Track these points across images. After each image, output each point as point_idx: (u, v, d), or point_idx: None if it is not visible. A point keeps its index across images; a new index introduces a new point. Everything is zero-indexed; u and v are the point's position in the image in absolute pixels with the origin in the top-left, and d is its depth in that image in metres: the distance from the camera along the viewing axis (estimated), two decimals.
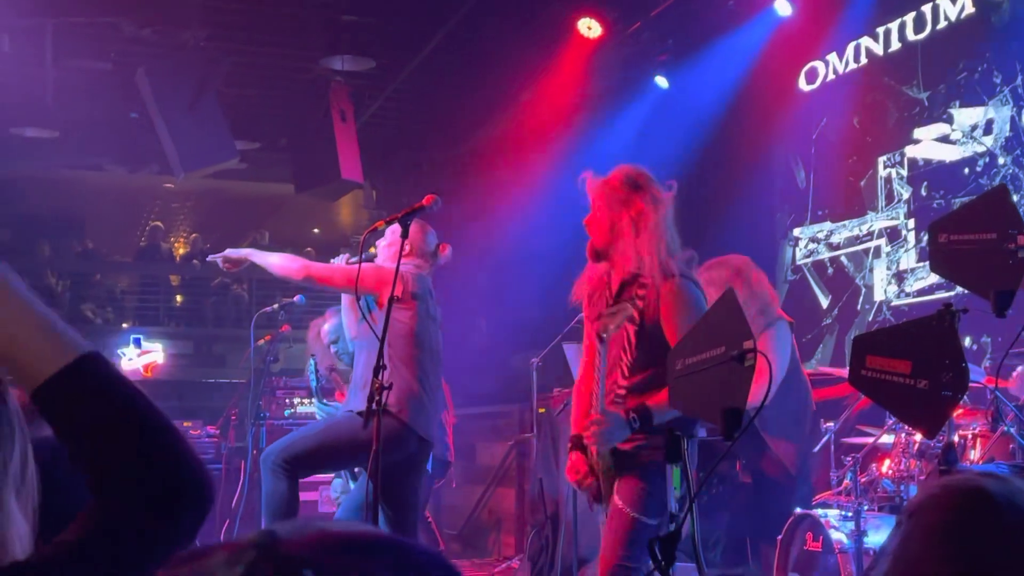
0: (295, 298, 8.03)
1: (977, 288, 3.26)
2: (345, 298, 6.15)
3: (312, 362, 6.99)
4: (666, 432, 2.75)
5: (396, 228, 5.48)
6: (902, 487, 5.25)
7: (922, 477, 5.02)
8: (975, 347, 7.08)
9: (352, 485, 6.14)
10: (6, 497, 1.80)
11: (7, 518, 1.78)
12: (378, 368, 4.63)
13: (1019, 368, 4.99)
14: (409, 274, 5.44)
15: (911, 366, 3.00)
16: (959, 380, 2.90)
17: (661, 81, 9.75)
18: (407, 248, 5.48)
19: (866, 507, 5.25)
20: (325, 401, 7.03)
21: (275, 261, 5.50)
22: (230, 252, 5.60)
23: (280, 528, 0.94)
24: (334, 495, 6.55)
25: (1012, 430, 4.63)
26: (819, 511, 5.50)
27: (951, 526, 1.46)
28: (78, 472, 2.32)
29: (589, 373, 4.20)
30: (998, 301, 3.06)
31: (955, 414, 5.40)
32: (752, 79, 9.18)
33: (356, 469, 6.17)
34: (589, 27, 9.34)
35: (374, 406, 4.62)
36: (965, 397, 5.38)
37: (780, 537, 5.56)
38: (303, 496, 6.45)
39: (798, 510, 5.59)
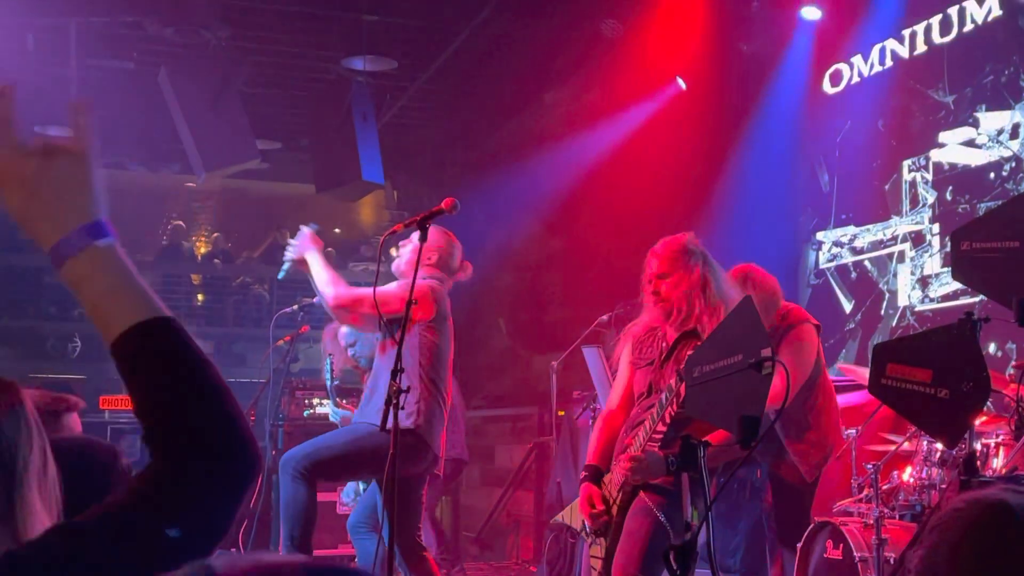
0: (315, 299, 8.01)
1: (1000, 296, 3.21)
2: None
3: (328, 362, 6.98)
4: (681, 439, 2.71)
5: (433, 232, 5.49)
6: (924, 495, 5.19)
7: (943, 486, 4.96)
8: (1000, 354, 7.00)
9: (363, 487, 6.14)
10: (29, 493, 1.80)
11: (31, 514, 1.79)
12: (396, 372, 4.62)
13: None
14: (438, 292, 5.44)
15: (932, 375, 2.96)
16: (980, 389, 2.85)
17: (681, 82, 9.70)
18: (433, 258, 5.49)
19: (887, 515, 5.19)
20: (338, 402, 7.02)
21: (323, 278, 5.49)
22: (301, 247, 5.54)
23: (216, 561, 1.00)
24: (347, 500, 6.54)
25: None
26: (840, 519, 5.44)
27: (975, 542, 1.44)
28: (92, 475, 2.31)
29: (622, 409, 4.53)
30: (1021, 309, 3.00)
31: (978, 422, 5.34)
32: (776, 81, 9.12)
33: None
34: (610, 28, 9.31)
35: (396, 409, 4.62)
36: (989, 404, 5.33)
37: (800, 545, 5.52)
38: (322, 498, 6.46)
39: (818, 517, 5.54)
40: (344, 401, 7.24)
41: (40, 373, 14.87)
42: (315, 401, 9.03)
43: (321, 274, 5.50)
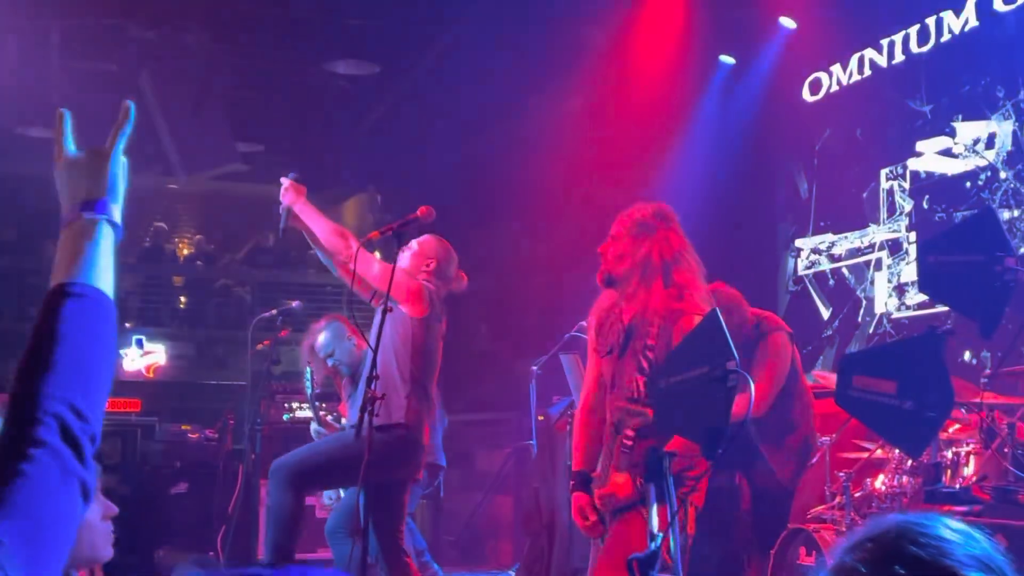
0: (293, 304, 8.03)
1: (964, 309, 3.26)
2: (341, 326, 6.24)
3: (309, 371, 6.99)
4: (647, 450, 2.74)
5: (427, 238, 5.51)
6: (895, 503, 5.23)
7: (914, 494, 5.00)
8: (975, 361, 7.06)
9: (342, 492, 6.14)
10: None
11: None
12: (371, 379, 4.63)
13: None
14: (436, 295, 5.45)
15: (897, 386, 2.99)
16: (944, 400, 2.89)
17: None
18: (431, 265, 5.50)
19: (859, 523, 5.23)
20: (321, 417, 7.03)
21: (324, 227, 5.26)
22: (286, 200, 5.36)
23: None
24: (327, 502, 6.55)
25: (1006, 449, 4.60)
26: (813, 525, 5.48)
27: None
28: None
29: (590, 400, 4.27)
30: (984, 322, 3.04)
31: (952, 429, 5.38)
32: (756, 89, 9.17)
33: None
34: (595, 32, 9.35)
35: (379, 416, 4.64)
36: (964, 412, 5.37)
37: (773, 551, 5.55)
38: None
39: (792, 524, 5.57)
40: (325, 414, 7.25)
41: None
42: (295, 405, 9.03)
43: (320, 224, 5.29)
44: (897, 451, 5.23)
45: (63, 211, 1.72)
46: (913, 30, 7.95)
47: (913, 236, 7.84)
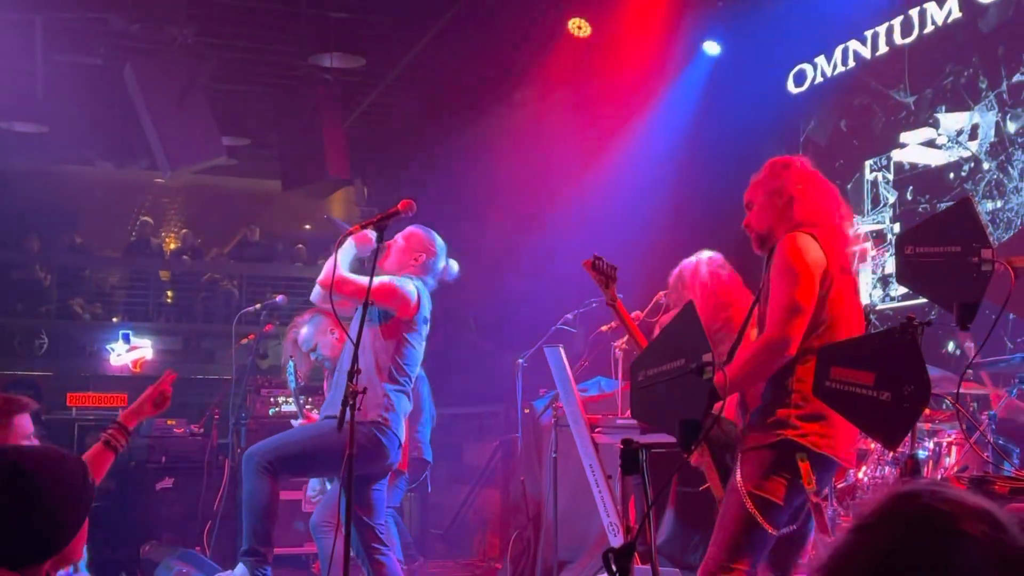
0: (277, 298, 8.02)
1: (941, 300, 3.26)
2: (324, 321, 6.25)
3: (291, 366, 6.99)
4: (623, 442, 2.74)
5: (413, 231, 5.51)
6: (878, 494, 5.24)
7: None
8: (958, 352, 7.07)
9: (328, 486, 6.15)
10: None
11: None
12: (352, 373, 4.61)
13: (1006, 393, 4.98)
14: (423, 295, 5.45)
15: (875, 378, 2.99)
16: (921, 392, 2.89)
17: None
18: (420, 259, 5.51)
19: (841, 514, 5.25)
20: (305, 411, 7.04)
21: (328, 264, 5.28)
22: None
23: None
24: (312, 494, 6.55)
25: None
26: None
27: (890, 553, 1.44)
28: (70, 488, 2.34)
29: None
30: (961, 314, 3.05)
31: (937, 419, 5.41)
32: (740, 80, 9.17)
33: None
34: (579, 27, 9.33)
35: (359, 411, 4.62)
36: (947, 401, 5.39)
37: None
38: (288, 496, 6.47)
39: None
40: (309, 408, 7.25)
41: (7, 370, 14.80)
42: (280, 399, 9.02)
43: (330, 262, 5.34)
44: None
45: None
46: (897, 21, 7.96)
47: (897, 227, 7.86)
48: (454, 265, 5.75)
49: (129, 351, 15.56)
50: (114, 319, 17.16)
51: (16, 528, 2.35)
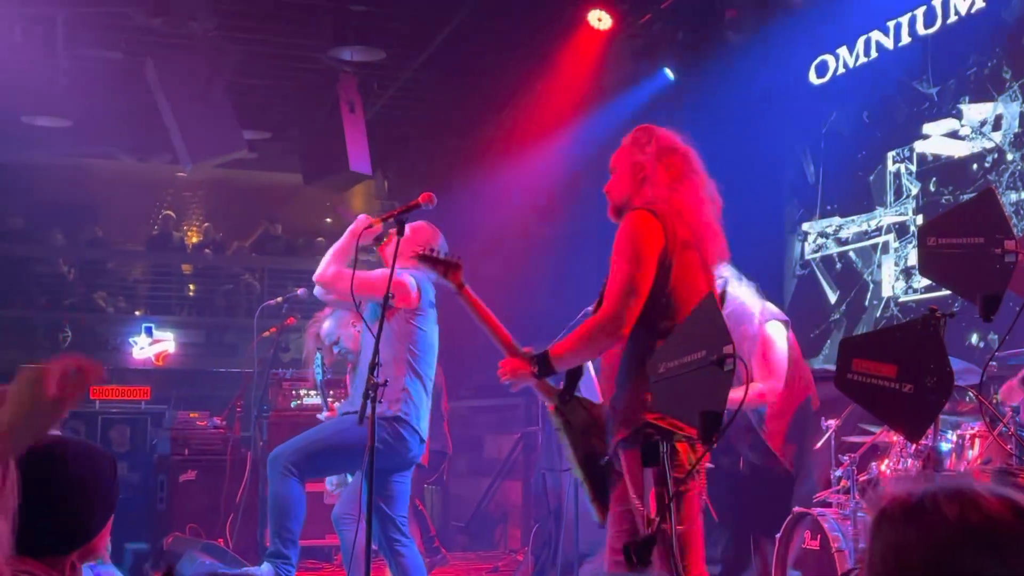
0: (299, 291, 8.04)
1: (964, 292, 3.25)
2: (345, 314, 6.29)
3: (318, 359, 7.02)
4: (642, 435, 2.74)
5: (419, 225, 5.54)
6: None
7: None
8: (982, 344, 7.04)
9: (350, 478, 6.17)
10: None
11: None
12: (374, 365, 4.63)
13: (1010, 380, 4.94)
14: (423, 283, 5.49)
15: (896, 370, 2.98)
16: (943, 384, 2.88)
17: (670, 73, 9.71)
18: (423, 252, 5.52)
19: (863, 506, 5.22)
20: (330, 404, 7.08)
21: (324, 259, 5.56)
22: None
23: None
24: (331, 488, 6.57)
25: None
26: (818, 509, 5.48)
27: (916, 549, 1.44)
28: (99, 482, 2.36)
29: None
30: (985, 305, 3.03)
31: (962, 411, 5.38)
32: (762, 72, 9.13)
33: None
34: (599, 19, 9.31)
35: (378, 404, 4.64)
36: (970, 395, 5.36)
37: (779, 535, 5.56)
38: (310, 488, 6.49)
39: (797, 508, 5.58)
40: (332, 400, 7.28)
41: (30, 363, 14.85)
42: (302, 392, 9.05)
43: (329, 253, 5.58)
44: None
45: None
46: (920, 11, 7.91)
47: (920, 219, 7.81)
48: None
49: (152, 344, 15.61)
50: (137, 312, 17.22)
51: (46, 516, 2.36)
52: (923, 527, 1.45)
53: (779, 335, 5.75)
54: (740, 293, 5.74)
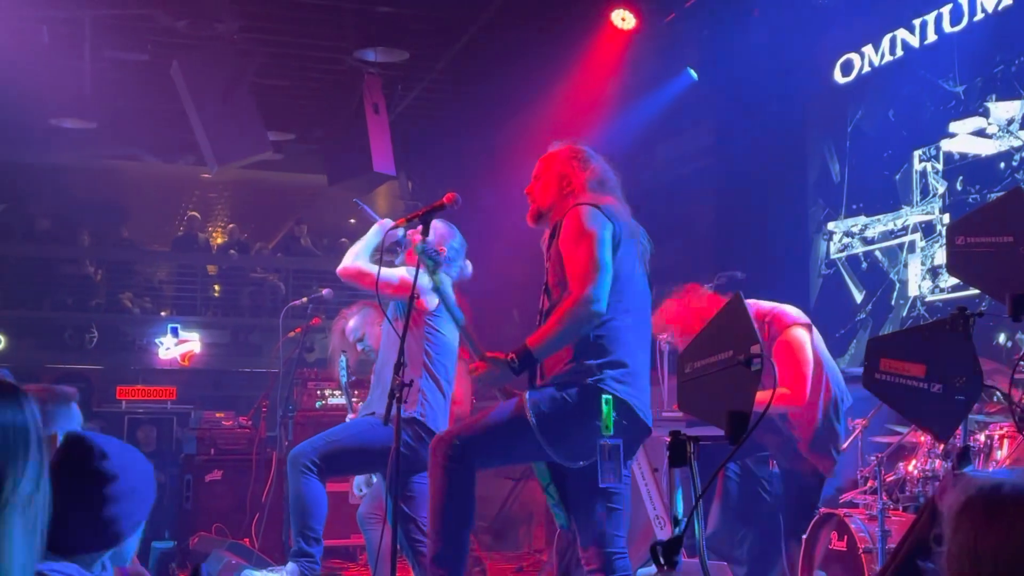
0: (324, 291, 8.06)
1: (993, 291, 3.22)
2: (372, 312, 6.31)
3: (343, 359, 7.04)
4: (669, 434, 2.73)
5: (436, 225, 5.54)
6: (928, 487, 5.19)
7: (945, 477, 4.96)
8: (1010, 344, 6.99)
9: (375, 479, 6.18)
10: (12, 522, 1.76)
11: (11, 548, 1.74)
12: (399, 365, 4.64)
13: None
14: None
15: (925, 369, 2.96)
16: (973, 383, 2.86)
17: (693, 72, 9.70)
18: (442, 253, 5.53)
19: (890, 507, 5.20)
20: (354, 404, 7.09)
21: (348, 253, 5.61)
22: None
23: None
24: (358, 492, 6.58)
25: None
26: (844, 510, 5.45)
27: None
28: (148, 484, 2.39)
29: None
30: (1014, 304, 3.01)
31: (991, 411, 5.34)
32: (787, 71, 9.10)
33: None
34: (623, 18, 9.29)
35: (401, 404, 4.64)
36: (998, 394, 5.32)
37: (805, 536, 5.53)
38: (333, 488, 6.51)
39: (823, 509, 5.55)
40: (357, 401, 7.29)
41: (58, 364, 14.98)
42: (327, 392, 9.07)
43: (354, 247, 5.63)
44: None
45: None
46: (946, 9, 7.86)
47: (947, 218, 7.76)
48: (468, 265, 5.82)
49: (178, 344, 15.69)
50: (163, 313, 17.32)
51: (84, 514, 2.34)
52: (1003, 526, 1.44)
53: (803, 341, 5.71)
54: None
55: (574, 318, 4.01)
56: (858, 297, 8.63)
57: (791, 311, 5.67)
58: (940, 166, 7.89)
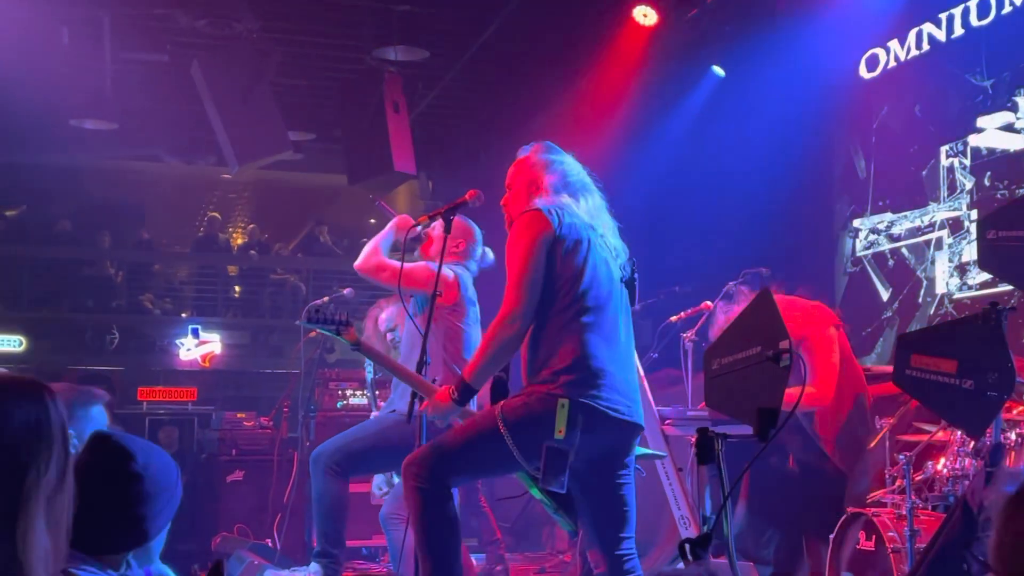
0: (345, 291, 8.03)
1: None
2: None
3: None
4: (697, 431, 2.68)
5: (459, 223, 5.52)
6: (958, 486, 5.11)
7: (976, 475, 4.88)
8: None
9: (396, 479, 6.14)
10: (35, 513, 1.73)
11: (34, 539, 1.72)
12: (421, 364, 4.60)
13: None
14: (463, 278, 5.47)
15: (957, 365, 2.90)
16: (1005, 379, 2.79)
17: (718, 70, 9.62)
18: (461, 247, 5.54)
19: (919, 506, 5.12)
20: (379, 404, 7.07)
21: (366, 248, 5.61)
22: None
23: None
24: (377, 492, 6.56)
25: None
26: (872, 510, 5.38)
27: None
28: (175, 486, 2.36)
29: None
30: None
31: (1017, 411, 5.26)
32: (812, 66, 9.01)
33: None
34: (645, 14, 9.22)
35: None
36: None
37: (832, 536, 5.46)
38: (356, 489, 6.49)
39: (851, 508, 5.48)
40: (381, 401, 7.26)
41: (79, 365, 15.00)
42: (348, 392, 9.04)
43: (371, 242, 5.65)
44: (959, 433, 5.11)
45: None
46: (973, 3, 7.76)
47: (974, 214, 7.66)
48: (489, 253, 5.83)
49: (198, 345, 15.70)
50: (183, 314, 17.35)
51: (111, 513, 2.33)
52: None
53: (832, 339, 5.66)
54: None
55: (498, 341, 4.02)
56: (884, 295, 8.53)
57: (820, 310, 5.62)
58: (967, 161, 7.79)
